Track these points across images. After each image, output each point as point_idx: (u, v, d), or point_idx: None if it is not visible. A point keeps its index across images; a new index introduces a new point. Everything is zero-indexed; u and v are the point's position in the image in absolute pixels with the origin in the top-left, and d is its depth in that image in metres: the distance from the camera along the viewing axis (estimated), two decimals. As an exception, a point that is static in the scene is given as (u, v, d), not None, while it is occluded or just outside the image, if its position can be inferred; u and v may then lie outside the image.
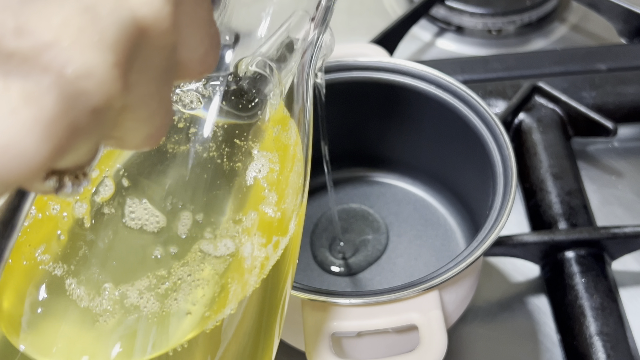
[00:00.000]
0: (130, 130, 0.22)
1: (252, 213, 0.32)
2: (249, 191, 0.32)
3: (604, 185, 0.60)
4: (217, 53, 0.25)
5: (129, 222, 0.30)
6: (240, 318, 0.32)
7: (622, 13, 0.70)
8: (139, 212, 0.30)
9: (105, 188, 0.31)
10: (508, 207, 0.43)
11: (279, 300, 0.35)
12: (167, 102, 0.23)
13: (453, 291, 0.44)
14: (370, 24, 0.74)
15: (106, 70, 0.20)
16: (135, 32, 0.21)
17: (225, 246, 0.31)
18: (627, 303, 0.52)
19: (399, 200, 0.56)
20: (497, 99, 0.61)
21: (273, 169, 0.33)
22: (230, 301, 0.31)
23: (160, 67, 0.22)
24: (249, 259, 0.31)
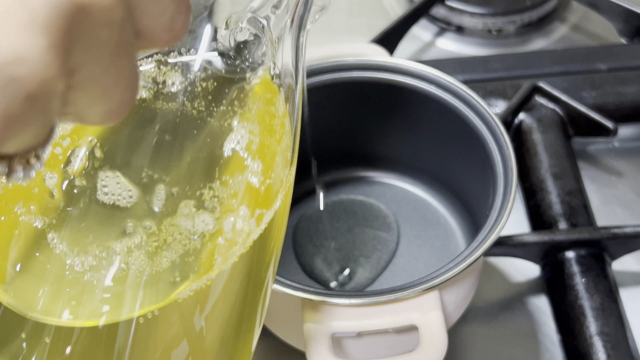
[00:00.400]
0: (87, 107, 0.21)
1: (234, 184, 0.30)
2: (231, 161, 0.31)
3: (604, 185, 0.60)
4: (186, 18, 0.23)
5: (102, 197, 0.29)
6: (218, 292, 0.30)
7: (622, 13, 0.70)
8: (112, 187, 0.29)
9: (77, 159, 0.29)
10: (508, 207, 0.43)
11: (262, 282, 0.33)
12: (128, 75, 0.21)
13: (453, 291, 0.44)
14: (370, 23, 0.74)
15: (38, 54, 0.18)
16: (73, 9, 0.19)
17: (204, 221, 0.29)
18: (627, 303, 0.52)
19: (399, 200, 0.56)
20: (497, 99, 0.61)
21: (257, 139, 0.31)
22: (207, 272, 0.30)
23: (111, 42, 0.20)
24: (229, 233, 0.30)
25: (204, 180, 0.30)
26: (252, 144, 0.31)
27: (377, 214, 0.55)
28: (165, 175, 0.29)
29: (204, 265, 0.30)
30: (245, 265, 0.31)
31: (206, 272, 0.30)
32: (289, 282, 0.41)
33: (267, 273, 0.34)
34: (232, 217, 0.30)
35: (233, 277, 0.31)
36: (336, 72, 0.51)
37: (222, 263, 0.30)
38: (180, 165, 0.30)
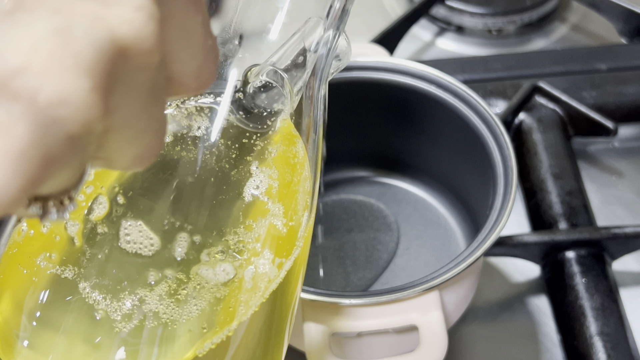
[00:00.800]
0: (117, 151, 0.21)
1: (256, 231, 0.31)
2: (253, 209, 0.31)
3: (604, 185, 0.60)
4: (214, 66, 0.23)
5: (124, 245, 0.29)
6: (241, 342, 0.31)
7: (622, 13, 0.70)
8: (134, 235, 0.29)
9: (100, 206, 0.30)
10: (508, 207, 0.43)
11: (284, 323, 0.34)
12: (157, 120, 0.22)
13: (453, 291, 0.44)
14: (370, 23, 0.74)
15: (82, 96, 0.19)
16: (115, 52, 0.19)
17: (225, 271, 0.30)
18: (627, 303, 0.52)
19: (399, 201, 0.56)
20: (497, 98, 0.61)
21: (277, 184, 0.31)
22: (232, 321, 0.30)
23: (146, 86, 0.21)
24: (250, 281, 0.30)
25: (226, 228, 0.30)
26: (272, 189, 0.31)
27: (377, 214, 0.55)
28: (186, 222, 0.30)
29: (226, 316, 0.30)
30: (269, 312, 0.32)
31: (229, 323, 0.30)
32: (289, 282, 0.41)
33: (287, 318, 0.34)
34: (255, 265, 0.30)
35: (257, 325, 0.31)
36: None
37: (245, 311, 0.30)
38: (201, 213, 0.30)
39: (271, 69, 0.31)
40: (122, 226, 0.29)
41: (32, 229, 0.30)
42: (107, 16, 0.19)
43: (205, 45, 0.23)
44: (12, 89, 0.18)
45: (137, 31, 0.20)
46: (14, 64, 0.18)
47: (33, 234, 0.30)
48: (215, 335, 0.29)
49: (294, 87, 0.32)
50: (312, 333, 0.40)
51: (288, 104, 0.32)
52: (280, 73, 0.31)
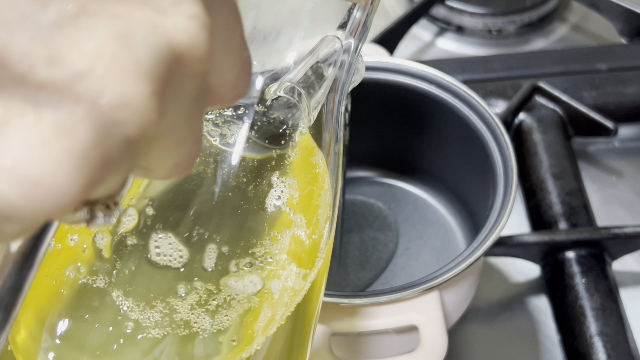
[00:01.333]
0: (158, 159, 0.22)
1: (281, 242, 0.31)
2: (277, 221, 0.31)
3: (604, 185, 0.60)
4: (248, 78, 0.24)
5: (155, 258, 0.29)
6: (269, 348, 0.31)
7: (622, 13, 0.70)
8: (164, 247, 0.29)
9: (129, 218, 0.30)
10: (508, 207, 0.43)
11: (307, 334, 0.34)
12: (197, 130, 0.22)
13: (453, 291, 0.44)
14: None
15: (142, 99, 0.19)
16: (171, 59, 0.20)
17: (252, 282, 0.30)
18: (627, 303, 0.52)
19: (399, 201, 0.56)
20: (497, 99, 0.61)
21: (300, 195, 0.32)
22: (260, 333, 0.30)
23: (192, 94, 0.21)
24: (277, 292, 0.30)
25: (252, 239, 0.31)
26: (293, 199, 0.32)
27: (377, 214, 0.55)
28: (214, 234, 0.30)
29: (255, 327, 0.30)
30: (294, 323, 0.32)
31: (257, 335, 0.30)
32: (289, 283, 0.41)
33: (310, 329, 0.34)
34: (281, 276, 0.31)
35: (283, 336, 0.32)
36: (336, 72, 0.51)
37: (272, 324, 0.30)
38: (227, 224, 0.31)
39: (289, 85, 0.32)
40: (151, 238, 0.29)
41: (59, 243, 0.30)
42: (164, 23, 0.20)
43: (242, 56, 0.23)
44: (76, 91, 0.18)
45: (191, 39, 0.20)
46: (79, 67, 0.18)
47: (60, 247, 0.30)
48: (245, 348, 0.30)
49: (311, 102, 0.32)
50: (312, 333, 0.40)
51: (306, 119, 0.32)
52: (298, 89, 0.32)
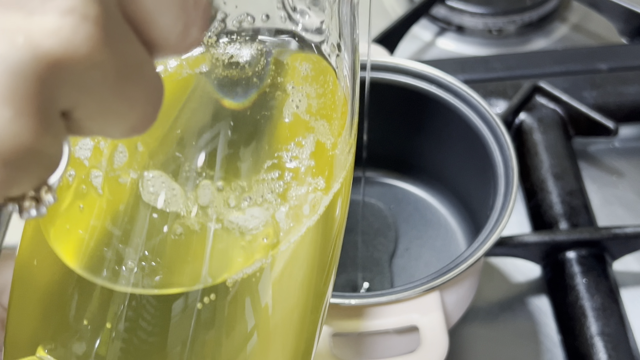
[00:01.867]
0: (105, 128, 0.21)
1: (306, 147, 0.29)
2: (298, 128, 0.30)
3: (604, 185, 0.60)
4: (202, 24, 0.22)
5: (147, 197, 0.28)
6: (299, 251, 0.29)
7: (623, 13, 0.70)
8: (157, 186, 0.28)
9: (120, 155, 0.28)
10: (509, 207, 0.43)
11: (330, 250, 0.32)
12: (144, 92, 0.21)
13: (454, 292, 0.44)
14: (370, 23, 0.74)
15: (3, 126, 0.18)
16: (43, 69, 0.18)
17: (280, 186, 0.28)
18: (628, 303, 0.52)
19: (400, 201, 0.56)
20: (497, 99, 0.61)
21: (316, 102, 0.30)
22: (291, 232, 0.29)
23: (108, 77, 0.20)
24: (306, 197, 0.29)
25: (276, 147, 0.29)
26: (312, 108, 0.30)
27: (378, 214, 0.55)
28: (236, 145, 0.29)
29: (286, 228, 0.29)
30: (321, 232, 0.31)
31: (288, 235, 0.29)
32: (289, 283, 0.41)
33: (333, 245, 0.33)
34: (309, 179, 0.29)
35: (308, 246, 0.30)
36: (336, 72, 0.51)
37: (301, 227, 0.29)
38: (244, 141, 0.29)
39: None
40: (145, 177, 0.28)
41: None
42: (30, 29, 0.18)
43: (187, 4, 0.22)
44: None
45: (65, 42, 0.18)
46: None
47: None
48: (276, 245, 0.28)
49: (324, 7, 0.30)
50: (312, 333, 0.40)
51: (317, 18, 0.30)
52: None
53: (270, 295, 0.29)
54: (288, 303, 0.30)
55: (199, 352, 0.29)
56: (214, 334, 0.29)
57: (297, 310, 0.31)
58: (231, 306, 0.28)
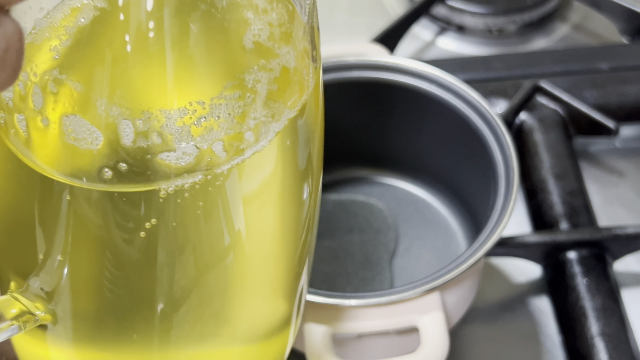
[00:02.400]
0: None
1: (272, 71, 0.28)
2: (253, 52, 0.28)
3: (605, 186, 0.60)
4: (14, 63, 0.21)
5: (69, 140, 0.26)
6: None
7: (624, 12, 0.70)
8: (79, 130, 0.26)
9: (36, 97, 0.27)
10: (509, 207, 0.43)
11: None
12: None
13: (454, 292, 0.44)
14: (370, 23, 0.74)
15: None
16: None
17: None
18: (629, 304, 0.52)
19: (400, 201, 0.56)
20: (498, 98, 0.61)
21: (278, 30, 0.29)
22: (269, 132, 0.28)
23: None
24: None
25: (232, 70, 0.28)
26: (271, 33, 0.29)
27: (377, 214, 0.55)
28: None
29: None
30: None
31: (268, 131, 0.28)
32: (289, 283, 0.41)
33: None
34: (263, 108, 0.28)
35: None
36: (336, 72, 0.51)
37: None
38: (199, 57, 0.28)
39: None
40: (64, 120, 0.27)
41: None
42: None
43: None
44: None
45: None
46: None
47: None
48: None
49: None
50: (312, 334, 0.40)
51: None
52: None
53: (235, 211, 0.29)
54: (256, 222, 0.29)
55: (169, 266, 0.28)
56: (177, 251, 0.28)
57: (270, 233, 0.30)
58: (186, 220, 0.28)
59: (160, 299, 0.29)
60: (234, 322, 0.31)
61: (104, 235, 0.28)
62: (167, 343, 0.30)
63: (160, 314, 0.29)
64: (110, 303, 0.29)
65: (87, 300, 0.30)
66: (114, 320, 0.30)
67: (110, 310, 0.30)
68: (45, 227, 0.28)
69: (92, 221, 0.28)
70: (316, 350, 0.40)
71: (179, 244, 0.28)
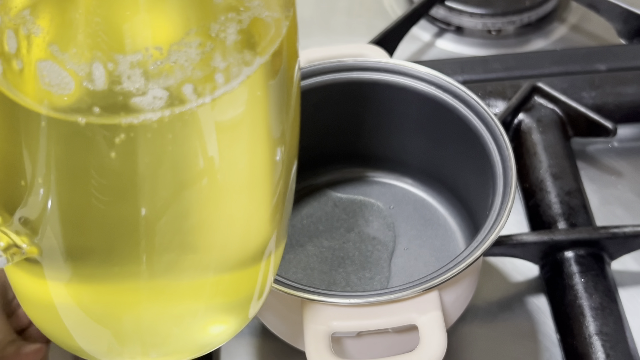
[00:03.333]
0: None
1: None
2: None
3: (603, 185, 0.60)
4: None
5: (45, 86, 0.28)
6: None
7: (621, 13, 0.70)
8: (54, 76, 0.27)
9: (10, 40, 0.28)
10: (508, 207, 0.43)
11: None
12: None
13: (453, 291, 0.44)
14: (370, 24, 0.74)
15: None
16: None
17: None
18: (626, 303, 0.52)
19: (399, 201, 0.56)
20: (496, 99, 0.62)
21: None
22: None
23: None
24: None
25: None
26: None
27: (377, 214, 0.55)
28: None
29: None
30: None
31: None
32: (289, 282, 0.42)
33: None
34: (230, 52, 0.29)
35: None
36: (335, 73, 0.51)
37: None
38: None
39: None
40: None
41: None
42: None
43: None
44: None
45: None
46: None
47: None
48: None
49: None
50: (312, 333, 0.40)
51: None
52: None
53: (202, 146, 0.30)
54: (226, 155, 0.30)
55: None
56: (151, 180, 0.29)
57: (241, 166, 0.31)
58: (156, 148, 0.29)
59: (139, 226, 0.30)
60: (208, 248, 0.33)
61: (81, 167, 0.29)
62: (148, 269, 0.32)
63: (140, 240, 0.31)
64: (91, 234, 0.31)
65: (69, 232, 0.31)
66: (96, 250, 0.31)
67: (92, 240, 0.31)
68: (26, 161, 0.30)
69: (70, 154, 0.29)
70: (316, 348, 0.40)
71: (153, 173, 0.29)
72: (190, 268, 0.32)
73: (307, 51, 0.54)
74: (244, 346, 0.52)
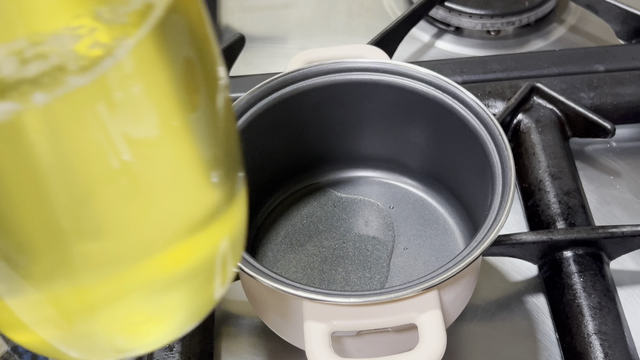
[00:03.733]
0: None
1: None
2: None
3: (602, 185, 0.61)
4: None
5: None
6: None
7: (620, 14, 0.70)
8: None
9: None
10: (507, 207, 0.43)
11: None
12: None
13: (452, 290, 0.44)
14: (369, 25, 0.74)
15: None
16: None
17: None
18: (625, 302, 0.53)
19: (398, 200, 0.56)
20: (495, 99, 0.62)
21: None
22: None
23: None
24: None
25: None
26: None
27: (377, 214, 0.55)
28: None
29: None
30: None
31: None
32: (289, 282, 0.42)
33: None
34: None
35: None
36: (335, 74, 0.52)
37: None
38: None
39: None
40: None
41: None
42: None
43: None
44: None
45: None
46: None
47: None
48: None
49: None
50: (312, 332, 0.41)
51: None
52: None
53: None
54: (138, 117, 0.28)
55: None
56: (65, 162, 0.27)
57: (157, 126, 0.28)
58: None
59: (44, 220, 0.28)
60: (131, 225, 0.30)
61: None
62: (75, 262, 0.30)
63: (72, 223, 0.29)
64: (23, 233, 0.28)
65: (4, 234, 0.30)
66: (31, 250, 0.29)
67: (25, 238, 0.29)
68: None
69: None
70: (316, 347, 0.40)
71: (51, 162, 0.27)
72: (122, 250, 0.30)
73: (306, 52, 0.54)
74: (244, 345, 0.52)
